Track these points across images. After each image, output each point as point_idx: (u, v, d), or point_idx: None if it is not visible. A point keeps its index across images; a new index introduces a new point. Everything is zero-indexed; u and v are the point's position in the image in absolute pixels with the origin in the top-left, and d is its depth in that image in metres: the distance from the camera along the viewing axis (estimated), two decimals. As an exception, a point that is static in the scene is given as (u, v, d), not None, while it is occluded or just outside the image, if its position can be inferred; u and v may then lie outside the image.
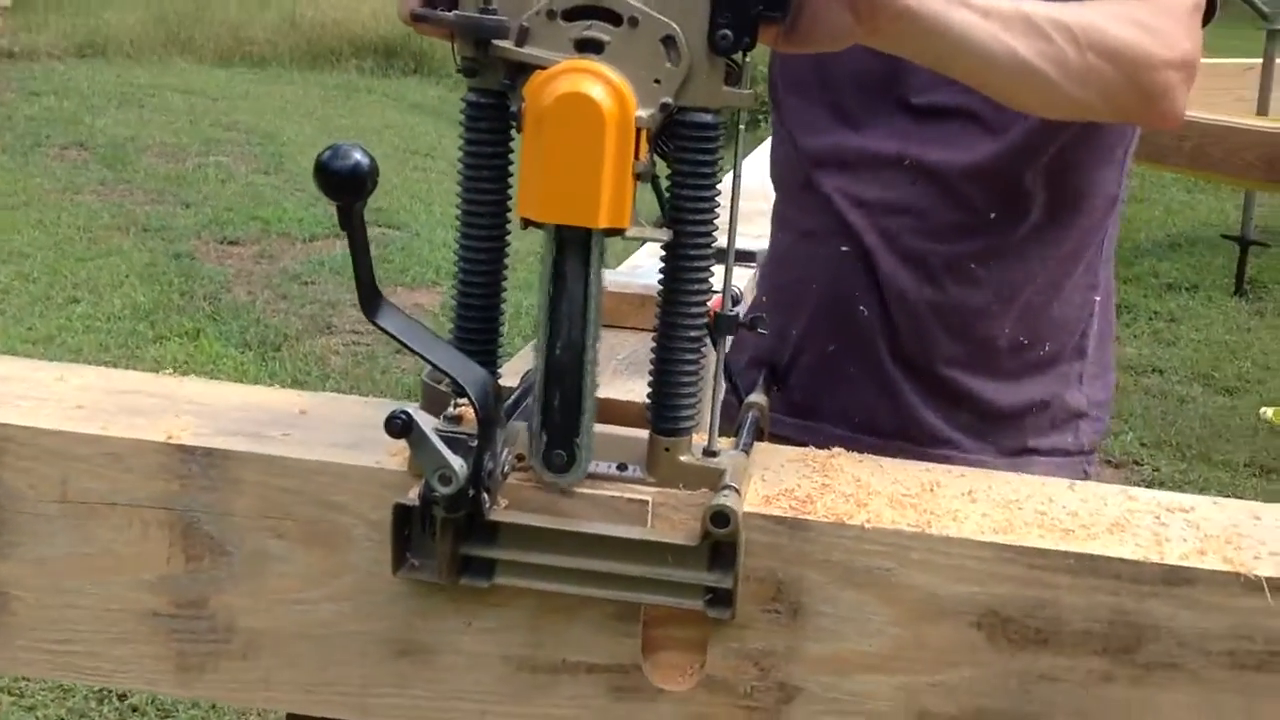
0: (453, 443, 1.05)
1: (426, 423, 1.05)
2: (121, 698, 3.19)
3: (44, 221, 7.34)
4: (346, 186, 0.95)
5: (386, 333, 1.03)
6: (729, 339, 1.22)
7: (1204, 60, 1.40)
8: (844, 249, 1.54)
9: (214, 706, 3.18)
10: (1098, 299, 1.58)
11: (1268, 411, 5.25)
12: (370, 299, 1.01)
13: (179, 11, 15.33)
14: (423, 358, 1.05)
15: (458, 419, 1.13)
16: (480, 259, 1.16)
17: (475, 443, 1.06)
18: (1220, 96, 6.01)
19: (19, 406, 1.23)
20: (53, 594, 1.21)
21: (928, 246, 1.51)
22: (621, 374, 1.52)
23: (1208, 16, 1.41)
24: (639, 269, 1.90)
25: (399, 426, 1.02)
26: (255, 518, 1.18)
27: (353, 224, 0.96)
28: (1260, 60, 6.44)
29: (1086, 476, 1.60)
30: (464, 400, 1.13)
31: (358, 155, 0.96)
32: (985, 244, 1.50)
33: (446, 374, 1.06)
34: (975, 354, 1.54)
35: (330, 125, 10.76)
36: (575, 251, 1.09)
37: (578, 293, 1.09)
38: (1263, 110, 6.03)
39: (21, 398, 1.25)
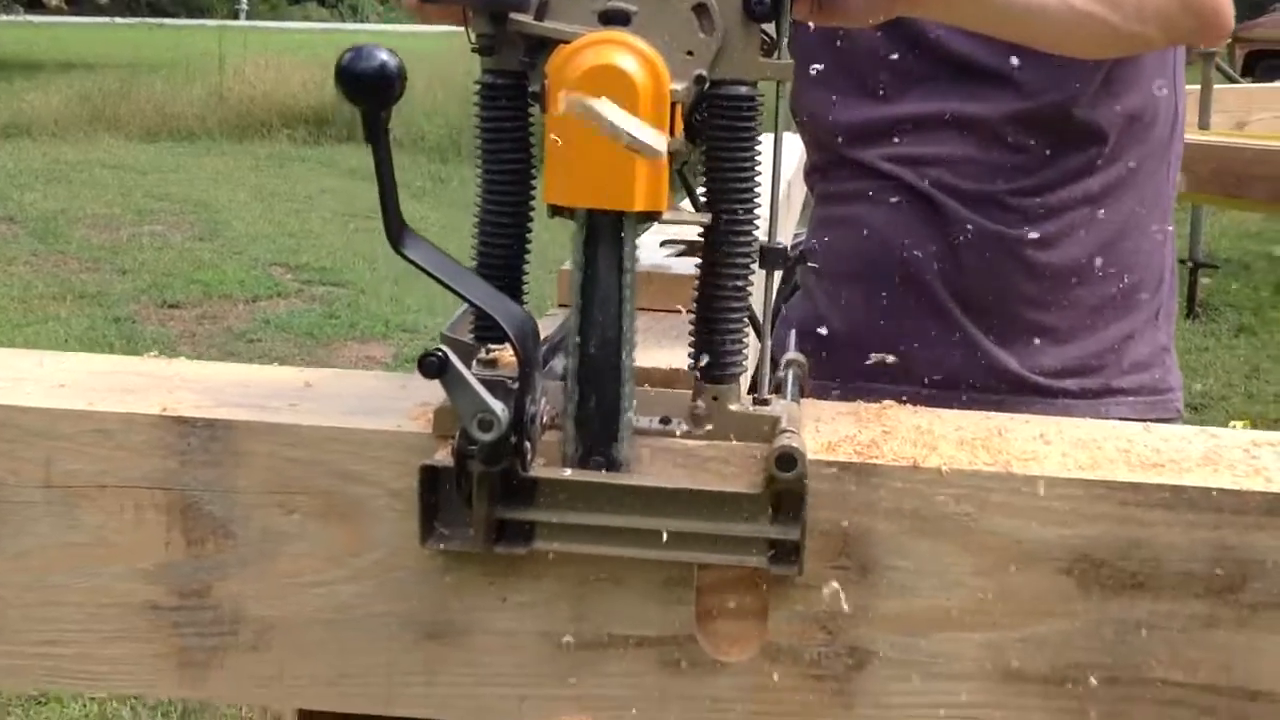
0: (490, 386, 0.95)
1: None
2: None
3: (-25, 293, 7.19)
4: (372, 89, 0.86)
5: (414, 264, 0.93)
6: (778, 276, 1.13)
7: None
8: (894, 200, 1.47)
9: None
10: (1170, 229, 1.51)
11: (1237, 425, 5.23)
12: (395, 226, 0.91)
13: (103, 90, 15.23)
14: (456, 293, 0.95)
15: (492, 363, 1.03)
16: (504, 224, 1.07)
17: (515, 385, 0.95)
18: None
19: (-6, 387, 1.12)
20: (37, 590, 1.09)
21: (989, 187, 1.44)
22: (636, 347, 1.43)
23: None
24: (639, 248, 1.81)
25: (434, 366, 0.91)
26: (263, 494, 1.07)
27: (378, 135, 0.86)
28: (1199, 86, 6.50)
29: (1179, 415, 1.52)
30: (496, 346, 1.03)
31: (383, 55, 0.86)
32: (1047, 178, 1.44)
33: (482, 311, 0.96)
34: (1051, 289, 1.47)
35: (265, 191, 10.69)
36: (608, 240, 0.99)
37: (611, 285, 1.00)
38: (1204, 125, 6.06)
39: (-4, 379, 1.14)
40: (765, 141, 1.07)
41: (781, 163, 1.09)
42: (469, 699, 1.07)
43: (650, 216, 0.99)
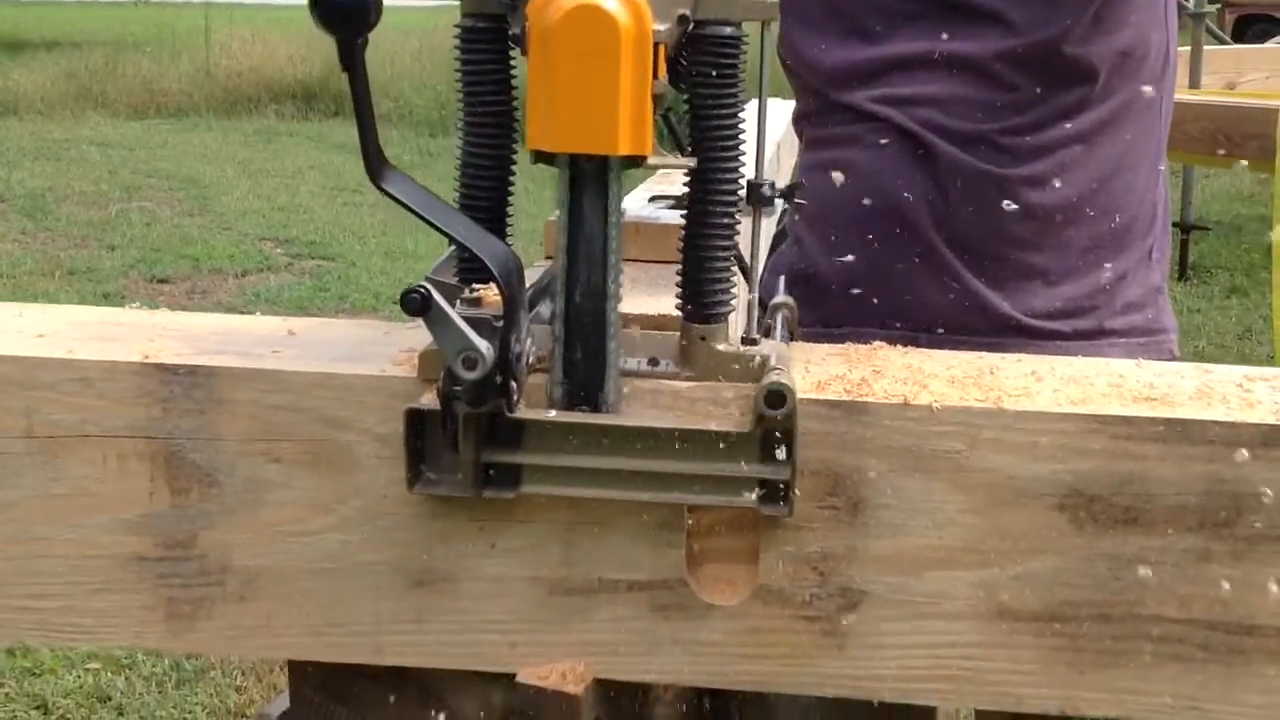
0: (475, 324, 0.93)
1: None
2: None
3: (-36, 270, 7.15)
4: (348, 16, 0.84)
5: (395, 200, 0.91)
6: (771, 214, 1.11)
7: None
8: (883, 141, 1.45)
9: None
10: (1163, 168, 1.50)
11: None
12: (375, 160, 0.89)
13: (90, 68, 15.14)
14: (437, 228, 0.93)
15: (476, 301, 1.01)
16: (487, 168, 1.05)
17: (499, 324, 0.94)
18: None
19: (-28, 338, 1.10)
20: (20, 543, 1.08)
21: (979, 126, 1.43)
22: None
23: None
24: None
25: (416, 302, 0.90)
26: (248, 442, 1.05)
27: (355, 65, 0.85)
28: (1189, 48, 6.47)
29: (1173, 357, 1.51)
30: (480, 286, 1.02)
31: (360, -18, 0.84)
32: (1039, 116, 1.43)
33: (466, 248, 0.94)
34: (1043, 229, 1.45)
35: (253, 167, 10.65)
36: (593, 185, 0.98)
37: (596, 232, 0.98)
38: (1194, 85, 6.03)
39: (-26, 331, 1.12)
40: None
41: (767, 101, 1.08)
42: (459, 646, 1.07)
43: (635, 161, 0.97)
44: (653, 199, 1.69)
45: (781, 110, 2.77)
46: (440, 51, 13.16)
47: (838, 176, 1.42)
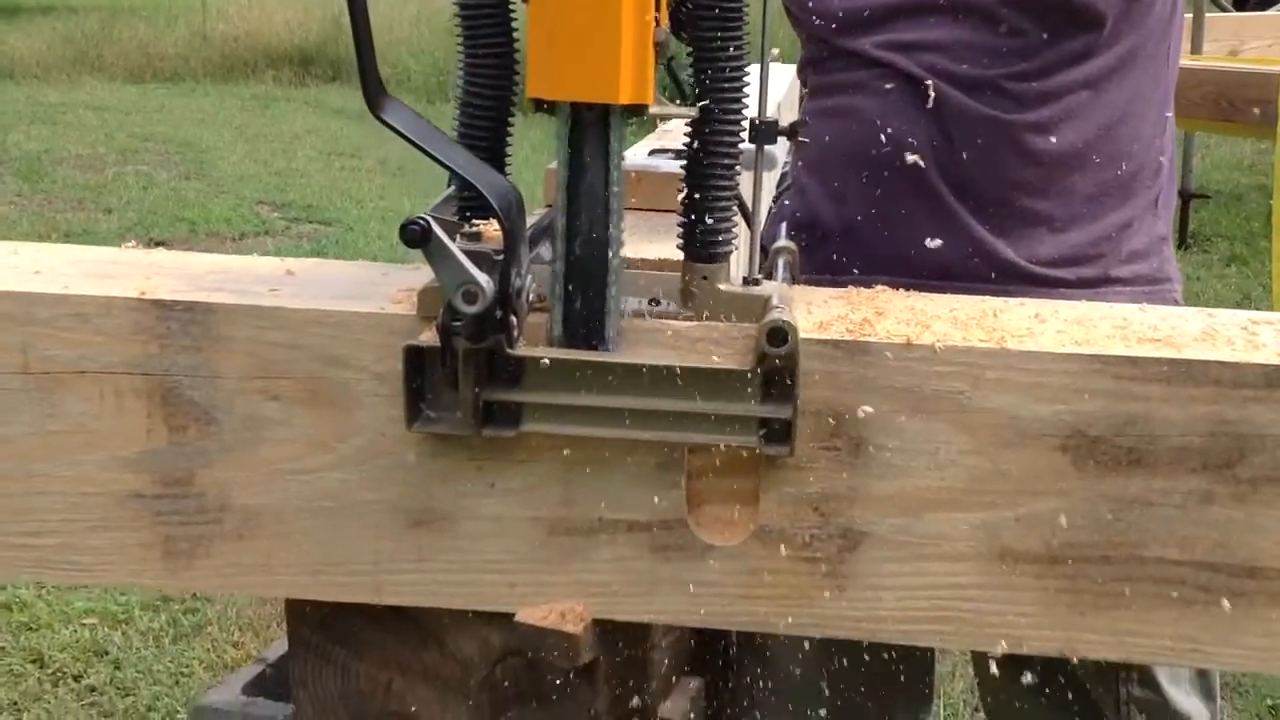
0: (475, 258, 0.92)
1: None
2: (77, 678, 3.03)
3: (-41, 231, 7.12)
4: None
5: (394, 130, 0.90)
6: (778, 152, 1.10)
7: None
8: (888, 86, 1.44)
9: (179, 681, 3.02)
10: (1169, 115, 1.49)
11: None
12: (373, 88, 0.88)
13: (86, 32, 15.04)
14: (437, 160, 0.92)
15: (476, 236, 1.00)
16: (487, 108, 1.03)
17: (500, 258, 0.93)
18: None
19: (-32, 275, 1.09)
20: (17, 480, 1.07)
21: (986, 72, 1.41)
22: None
23: None
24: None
25: (416, 234, 0.89)
26: (246, 379, 1.04)
27: (356, -6, 0.83)
28: (1191, 15, 6.44)
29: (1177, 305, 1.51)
30: (480, 221, 1.01)
31: (360, -93, 0.83)
32: (1045, 62, 1.42)
33: (465, 179, 0.93)
34: (1049, 175, 1.44)
35: (249, 132, 10.58)
36: (594, 134, 0.97)
37: (598, 182, 0.97)
38: (1196, 51, 6.00)
39: (-30, 268, 1.11)
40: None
41: (769, 36, 1.07)
42: (458, 586, 1.06)
43: (637, 110, 0.96)
44: (653, 152, 1.68)
45: (783, 73, 2.76)
46: (439, 17, 13.08)
47: (843, 123, 1.40)
